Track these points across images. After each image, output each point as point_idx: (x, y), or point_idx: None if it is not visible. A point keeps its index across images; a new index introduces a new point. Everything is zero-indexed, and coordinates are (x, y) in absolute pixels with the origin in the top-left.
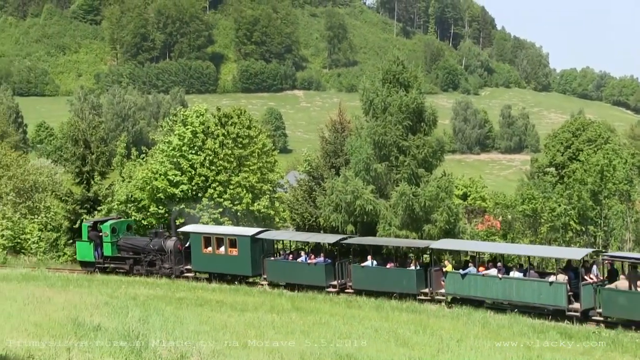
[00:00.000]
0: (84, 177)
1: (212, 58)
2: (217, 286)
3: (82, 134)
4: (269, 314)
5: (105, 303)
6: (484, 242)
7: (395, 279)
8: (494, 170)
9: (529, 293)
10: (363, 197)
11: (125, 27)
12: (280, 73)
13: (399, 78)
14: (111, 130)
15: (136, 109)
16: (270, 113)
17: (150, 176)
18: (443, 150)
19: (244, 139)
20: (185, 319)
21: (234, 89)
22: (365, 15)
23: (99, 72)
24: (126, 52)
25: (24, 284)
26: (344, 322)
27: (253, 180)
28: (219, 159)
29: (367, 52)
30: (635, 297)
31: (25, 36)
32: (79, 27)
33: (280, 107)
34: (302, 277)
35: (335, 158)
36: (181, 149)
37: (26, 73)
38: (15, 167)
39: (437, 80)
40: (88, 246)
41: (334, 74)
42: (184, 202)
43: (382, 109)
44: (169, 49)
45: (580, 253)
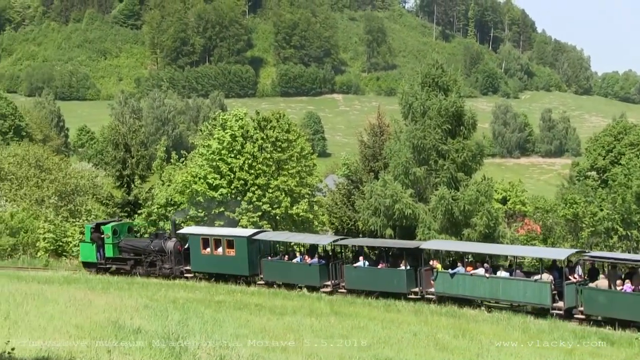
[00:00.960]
0: (125, 180)
1: (252, 62)
2: (255, 290)
3: (122, 137)
4: (308, 318)
5: (145, 306)
6: (472, 243)
7: (386, 279)
8: (534, 174)
9: (515, 292)
10: (402, 201)
11: (166, 32)
12: (319, 77)
13: (438, 82)
14: (151, 134)
15: (176, 113)
16: (309, 117)
17: (190, 180)
18: (482, 154)
19: (282, 142)
20: (224, 322)
21: (273, 92)
22: (404, 19)
23: (139, 77)
24: (166, 56)
25: (65, 287)
26: (383, 326)
27: (292, 184)
28: (258, 163)
29: (406, 55)
30: (614, 295)
31: (67, 41)
32: (120, 32)
33: (319, 110)
34: (297, 277)
35: (374, 162)
36: (220, 153)
37: (68, 77)
38: (57, 171)
39: (476, 84)
40: (91, 247)
41: (372, 78)
42: (223, 206)
43: (421, 113)
44: (208, 53)
45: (564, 253)
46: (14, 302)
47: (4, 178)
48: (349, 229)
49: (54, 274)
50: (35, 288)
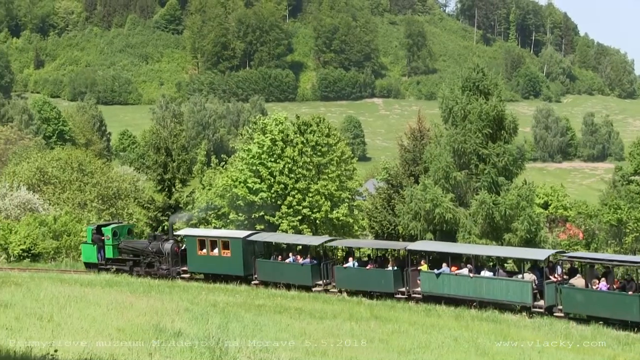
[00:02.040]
0: (166, 184)
1: (292, 66)
2: (296, 294)
3: (163, 142)
4: (348, 322)
5: (186, 309)
6: (456, 244)
7: (374, 279)
8: (576, 178)
9: (498, 291)
10: (442, 206)
11: (206, 36)
12: (359, 81)
13: (478, 85)
14: (192, 138)
15: (216, 117)
16: (349, 121)
17: (230, 184)
18: (524, 159)
19: (323, 146)
20: (265, 326)
21: (313, 97)
22: (444, 23)
23: (180, 81)
24: (207, 60)
25: (107, 290)
26: (423, 331)
27: (332, 188)
28: (298, 167)
29: (446, 59)
30: (590, 294)
31: (110, 46)
32: (162, 37)
33: (359, 115)
34: (290, 277)
35: (415, 166)
36: (261, 157)
37: (110, 82)
38: (99, 175)
39: (517, 88)
40: (92, 248)
41: (413, 82)
42: (263, 210)
43: (461, 117)
44: (249, 58)
45: (544, 254)
46: (57, 305)
47: (48, 182)
48: (389, 234)
49: (96, 277)
50: (77, 291)
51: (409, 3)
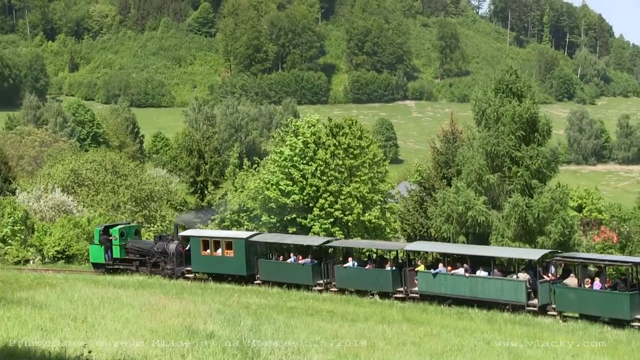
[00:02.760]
0: (198, 186)
1: (324, 69)
2: (327, 296)
3: (196, 144)
4: (380, 325)
5: (218, 311)
6: (453, 244)
7: (373, 279)
8: (610, 181)
9: (493, 290)
10: (475, 208)
11: (239, 39)
12: (391, 83)
13: (512, 88)
14: (224, 140)
15: (249, 120)
16: (382, 123)
17: (262, 186)
18: (557, 161)
19: (355, 149)
20: (297, 328)
21: (345, 99)
22: (477, 25)
23: (213, 84)
24: (239, 63)
25: (140, 291)
26: (455, 334)
27: (364, 190)
28: (330, 169)
29: (479, 61)
30: (583, 293)
31: (143, 49)
32: (194, 40)
33: (391, 117)
34: (291, 277)
35: (447, 168)
36: (293, 159)
37: (143, 85)
38: (133, 177)
39: (551, 90)
40: (99, 249)
41: (445, 84)
42: (295, 212)
43: (494, 119)
44: (281, 60)
45: (538, 254)
46: (91, 306)
47: (82, 184)
48: (421, 236)
49: (129, 279)
50: (111, 292)
51: (441, 5)
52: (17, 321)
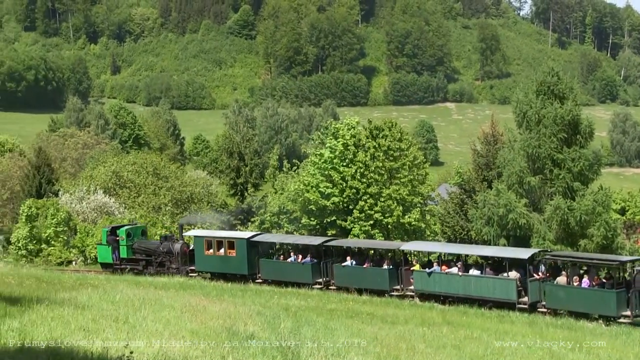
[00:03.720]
0: (238, 188)
1: (364, 71)
2: (367, 298)
3: (236, 146)
4: (420, 327)
5: (258, 313)
6: (447, 244)
7: (370, 277)
8: None
9: (485, 288)
10: (516, 211)
11: (279, 42)
12: (431, 85)
13: (553, 89)
14: (264, 142)
15: (289, 122)
16: (422, 125)
17: (302, 188)
18: (600, 164)
19: (395, 151)
20: (336, 330)
21: (385, 101)
22: (519, 26)
23: (253, 86)
24: (280, 65)
25: (181, 292)
26: (496, 337)
27: (404, 192)
28: (370, 172)
29: (520, 63)
30: (571, 290)
31: (184, 52)
32: (235, 42)
33: (431, 119)
34: (292, 275)
35: (488, 171)
36: (332, 162)
37: (184, 87)
38: (174, 179)
39: (594, 92)
40: (107, 249)
41: (486, 86)
42: (334, 214)
43: (535, 121)
44: (321, 63)
45: (528, 253)
46: (132, 307)
47: (123, 185)
48: (461, 239)
49: (170, 280)
50: (152, 293)
51: (482, 7)
52: (60, 321)
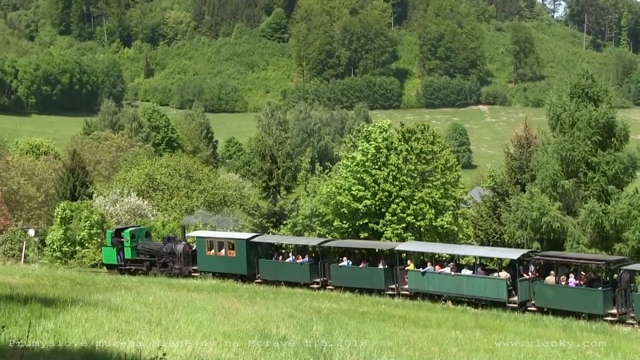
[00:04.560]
0: (271, 191)
1: (396, 74)
2: (400, 301)
3: (269, 149)
4: (452, 331)
5: (290, 315)
6: (441, 244)
7: (366, 277)
8: None
9: (477, 288)
10: (549, 214)
11: (312, 45)
12: (464, 88)
13: (588, 92)
14: (297, 145)
15: (321, 125)
16: (455, 128)
17: (334, 191)
18: (635, 167)
19: (427, 154)
20: (368, 333)
21: (418, 104)
22: (553, 29)
23: (285, 89)
24: (312, 68)
25: (213, 295)
26: (530, 341)
27: (436, 196)
28: (402, 175)
29: (554, 66)
30: (559, 290)
31: (217, 55)
32: (267, 45)
33: (464, 122)
34: (290, 275)
35: (521, 174)
36: (365, 165)
37: (217, 90)
38: (206, 182)
39: (629, 94)
40: (112, 251)
41: (519, 89)
42: (367, 217)
43: (569, 124)
44: (353, 65)
45: (518, 253)
46: (165, 309)
47: (157, 188)
48: (494, 242)
49: (203, 282)
50: (185, 296)
51: (516, 9)
52: (94, 323)
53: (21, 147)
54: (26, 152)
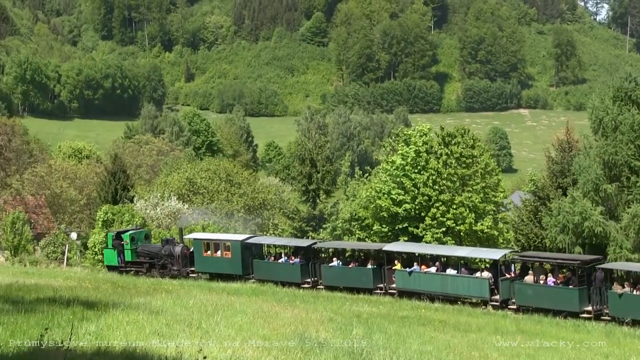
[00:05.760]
0: (310, 195)
1: (436, 77)
2: (439, 306)
3: (308, 153)
4: (493, 336)
5: (330, 319)
6: (427, 245)
7: (356, 276)
8: None
9: (461, 287)
10: (592, 219)
11: (352, 48)
12: (505, 92)
13: (631, 95)
14: (336, 149)
15: (361, 129)
16: (495, 132)
17: (374, 195)
18: None
19: (467, 158)
20: (408, 338)
21: (458, 108)
22: (595, 32)
23: (325, 93)
24: (352, 72)
25: (253, 298)
26: (572, 347)
27: (476, 200)
28: (442, 179)
29: (596, 69)
30: (538, 288)
31: (257, 59)
32: (307, 49)
33: (505, 126)
34: (283, 275)
35: (562, 178)
36: (404, 169)
37: (257, 94)
38: (246, 185)
39: None
40: (113, 253)
41: (561, 92)
42: (406, 221)
43: (612, 128)
44: (393, 69)
45: (499, 254)
46: (205, 313)
47: (197, 192)
48: (535, 246)
49: (242, 286)
50: (225, 299)
51: (557, 12)
52: (135, 326)
53: (64, 151)
54: (69, 156)
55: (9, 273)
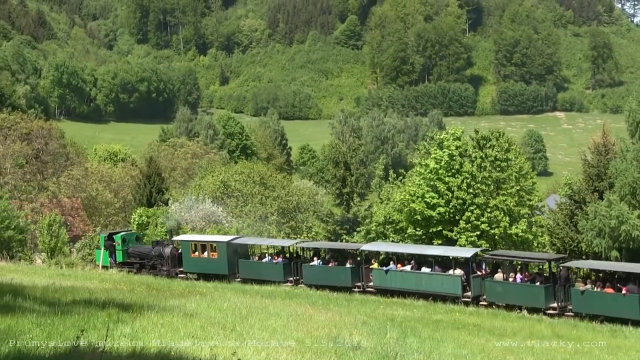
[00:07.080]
0: (344, 198)
1: (471, 80)
2: (474, 309)
3: (342, 156)
4: (528, 340)
5: (364, 323)
6: (403, 245)
7: (335, 275)
8: None
9: (435, 284)
10: (629, 223)
11: (386, 51)
12: (540, 94)
13: None
14: (370, 152)
15: (395, 132)
16: (530, 135)
17: (408, 198)
18: None
19: (502, 161)
20: (442, 342)
21: (493, 111)
22: (632, 34)
23: (359, 96)
24: (386, 75)
25: (287, 301)
26: (609, 352)
27: (511, 203)
28: (476, 182)
29: (634, 71)
30: (507, 286)
31: (291, 62)
32: (341, 52)
33: (540, 129)
34: (266, 274)
35: (599, 181)
36: (438, 172)
37: (291, 97)
38: (280, 188)
39: None
40: (105, 253)
41: (597, 95)
42: (441, 225)
43: None
44: (427, 72)
45: (470, 252)
46: (239, 315)
47: (231, 195)
48: (571, 250)
49: (277, 288)
50: (259, 302)
51: (594, 14)
52: (170, 328)
53: (99, 154)
54: (104, 159)
55: (45, 275)
